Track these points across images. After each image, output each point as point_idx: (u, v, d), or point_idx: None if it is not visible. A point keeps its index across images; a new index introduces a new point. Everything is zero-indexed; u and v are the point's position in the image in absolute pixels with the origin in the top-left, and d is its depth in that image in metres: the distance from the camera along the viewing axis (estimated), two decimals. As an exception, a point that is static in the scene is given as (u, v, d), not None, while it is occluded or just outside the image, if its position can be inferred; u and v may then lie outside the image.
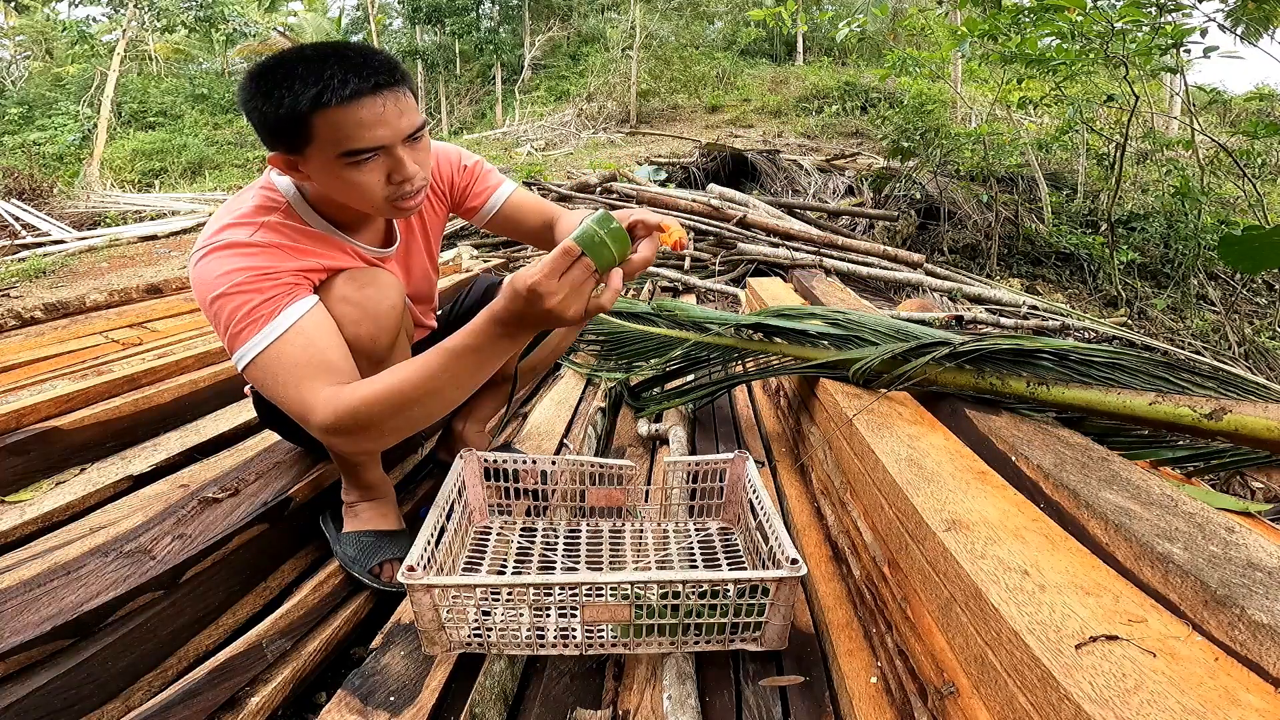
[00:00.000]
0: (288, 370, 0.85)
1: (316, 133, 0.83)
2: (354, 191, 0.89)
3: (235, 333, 0.86)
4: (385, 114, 0.84)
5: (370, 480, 1.18)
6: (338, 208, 0.99)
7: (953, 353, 1.27)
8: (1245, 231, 2.14)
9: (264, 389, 0.88)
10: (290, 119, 0.82)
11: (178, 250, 6.61)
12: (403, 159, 0.88)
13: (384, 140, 0.85)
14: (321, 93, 0.81)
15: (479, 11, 19.51)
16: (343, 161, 0.85)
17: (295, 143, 0.85)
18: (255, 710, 0.89)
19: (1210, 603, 0.60)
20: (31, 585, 0.89)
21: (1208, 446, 1.14)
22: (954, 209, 6.94)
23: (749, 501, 1.14)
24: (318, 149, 0.85)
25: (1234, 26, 5.46)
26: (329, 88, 0.81)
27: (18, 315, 2.70)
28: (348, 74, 0.82)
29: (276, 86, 0.82)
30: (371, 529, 1.17)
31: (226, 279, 0.86)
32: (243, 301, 0.85)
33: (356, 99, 0.82)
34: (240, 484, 1.19)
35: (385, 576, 1.13)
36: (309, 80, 0.81)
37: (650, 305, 2.08)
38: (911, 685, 0.80)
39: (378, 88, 0.83)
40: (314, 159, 0.86)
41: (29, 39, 19.53)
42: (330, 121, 0.82)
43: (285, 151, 0.87)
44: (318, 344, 0.87)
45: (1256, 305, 6.40)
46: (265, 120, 0.84)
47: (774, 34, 17.93)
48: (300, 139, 0.84)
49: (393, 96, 0.85)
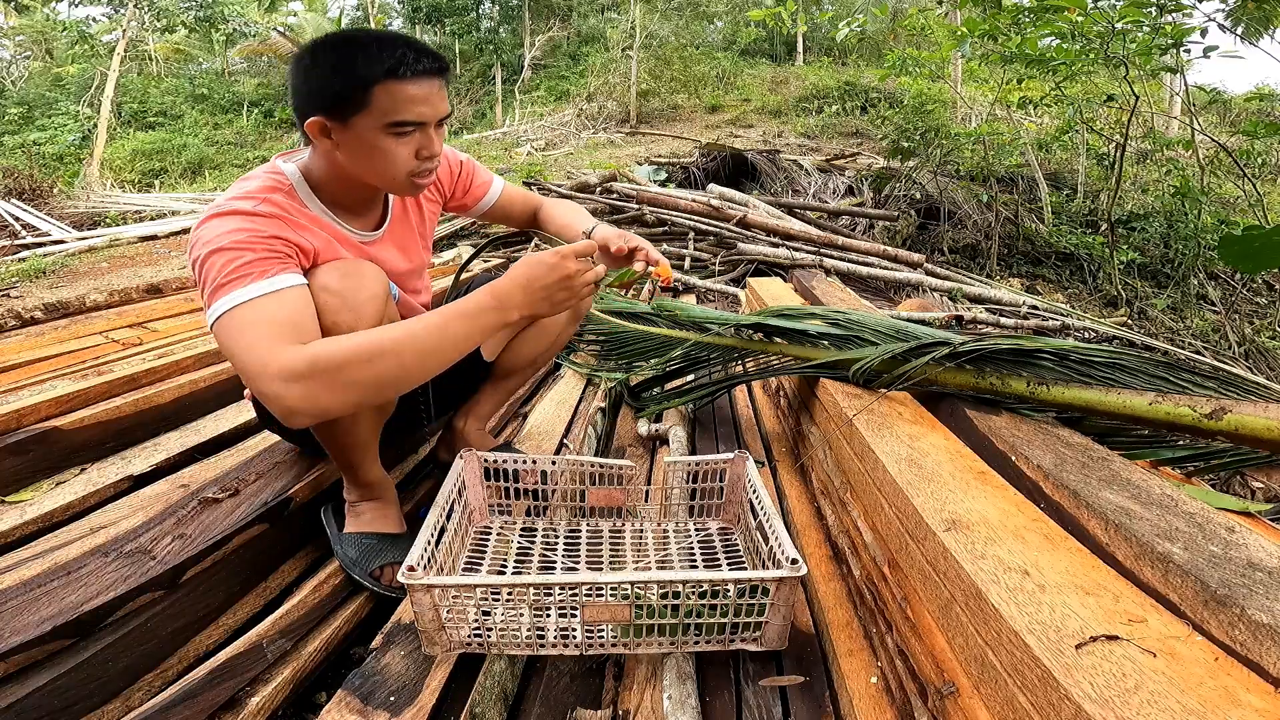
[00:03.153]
0: (260, 325, 0.84)
1: (374, 101, 0.92)
2: (384, 161, 0.96)
3: (220, 283, 0.86)
4: (433, 96, 0.96)
5: (369, 479, 1.18)
6: (341, 189, 1.04)
7: (953, 353, 1.27)
8: (1245, 231, 2.14)
9: (229, 345, 0.86)
10: (357, 84, 0.91)
11: (178, 250, 6.60)
12: (433, 138, 0.99)
13: (427, 117, 0.96)
14: (396, 65, 0.91)
15: (479, 11, 19.53)
16: (388, 131, 0.94)
17: (346, 109, 0.93)
18: (255, 710, 0.89)
19: (1210, 603, 0.60)
20: (32, 585, 0.89)
21: (1208, 446, 1.14)
22: (954, 209, 6.94)
23: (749, 501, 1.14)
24: (367, 117, 0.93)
25: (1234, 26, 5.45)
26: (403, 62, 0.91)
27: (18, 315, 2.70)
28: (419, 55, 0.93)
29: (350, 55, 0.91)
30: (373, 531, 1.17)
31: (226, 236, 0.89)
32: (234, 257, 0.88)
33: (420, 78, 0.93)
34: (240, 484, 1.19)
35: (386, 580, 1.13)
36: (384, 54, 0.91)
37: (650, 305, 2.08)
38: (911, 685, 0.80)
39: (435, 72, 0.95)
40: (358, 126, 0.94)
41: (29, 39, 19.53)
42: (391, 92, 0.92)
43: (330, 118, 0.94)
44: (297, 312, 0.89)
45: (1256, 305, 6.40)
46: (327, 85, 0.92)
47: (774, 34, 17.94)
48: (354, 106, 0.92)
49: (440, 84, 0.97)
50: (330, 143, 0.96)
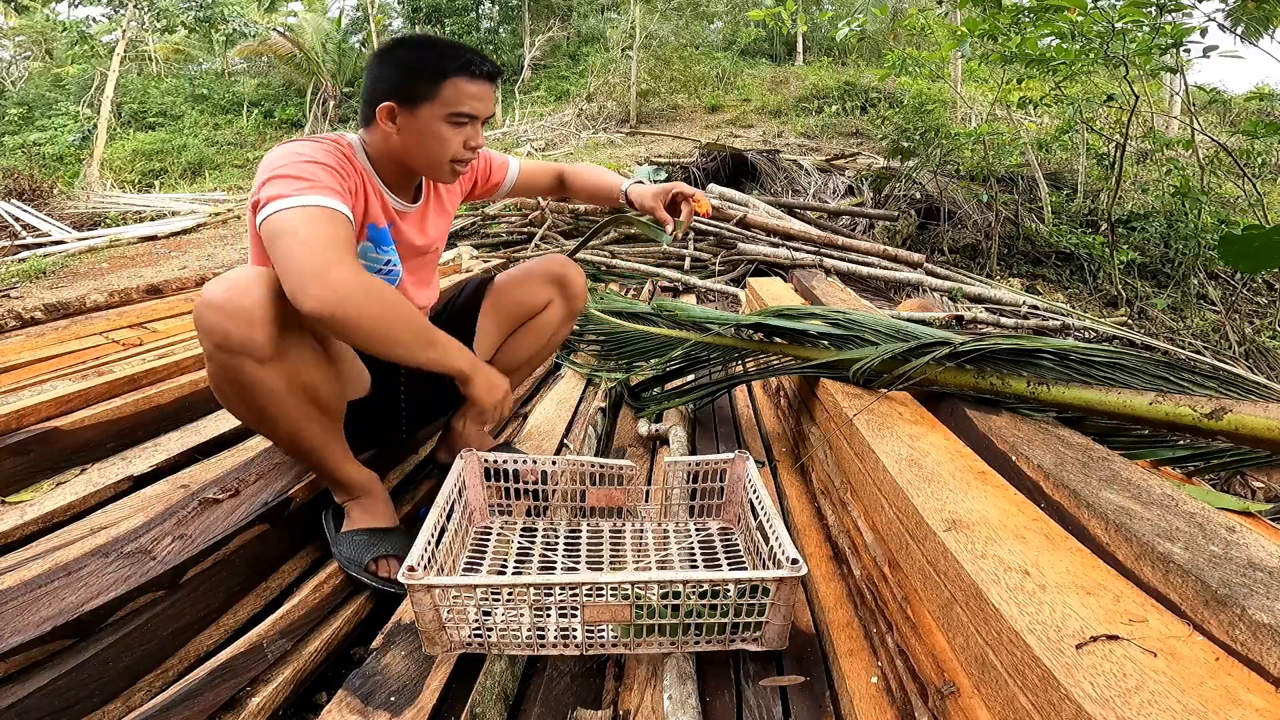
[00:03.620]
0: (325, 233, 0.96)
1: (441, 93, 1.09)
2: (438, 146, 1.12)
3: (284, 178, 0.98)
4: (487, 96, 1.14)
5: (347, 480, 1.18)
6: (389, 168, 1.18)
7: (953, 353, 1.27)
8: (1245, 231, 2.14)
9: (289, 233, 0.94)
10: (430, 76, 1.08)
11: (178, 250, 6.61)
12: (478, 132, 1.17)
13: (480, 113, 1.14)
14: (468, 64, 1.09)
15: (479, 11, 19.53)
16: (448, 120, 1.10)
17: (416, 97, 1.09)
18: (256, 711, 0.89)
19: (1211, 602, 0.60)
20: (32, 585, 0.89)
21: (1208, 446, 1.14)
22: (954, 209, 6.94)
23: (749, 501, 1.14)
24: (432, 106, 1.09)
25: (1234, 26, 5.46)
26: (471, 64, 1.09)
27: (18, 316, 2.70)
28: (482, 60, 1.12)
29: (428, 53, 1.09)
30: (364, 527, 1.18)
31: (298, 155, 1.03)
32: (305, 170, 1.01)
33: (482, 79, 1.11)
34: (241, 484, 1.19)
35: (381, 573, 1.13)
36: (456, 55, 1.09)
37: (650, 305, 2.08)
38: (912, 685, 0.80)
39: (491, 76, 1.13)
40: (422, 113, 1.10)
41: (29, 39, 19.52)
42: (457, 87, 1.09)
43: (399, 102, 1.10)
44: (350, 236, 1.01)
45: (1256, 305, 6.40)
46: (404, 74, 1.09)
47: (774, 34, 17.93)
48: (423, 95, 1.09)
49: (493, 87, 1.15)
50: (394, 126, 1.12)
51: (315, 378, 1.06)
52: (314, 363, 1.06)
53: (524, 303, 1.45)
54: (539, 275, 1.46)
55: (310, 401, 1.06)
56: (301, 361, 1.03)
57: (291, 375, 1.02)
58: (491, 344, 1.46)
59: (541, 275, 1.45)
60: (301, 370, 1.03)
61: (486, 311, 1.45)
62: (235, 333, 0.94)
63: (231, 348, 0.95)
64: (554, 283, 1.45)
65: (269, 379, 0.99)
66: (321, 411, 1.09)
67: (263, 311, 0.95)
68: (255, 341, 0.95)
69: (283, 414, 1.04)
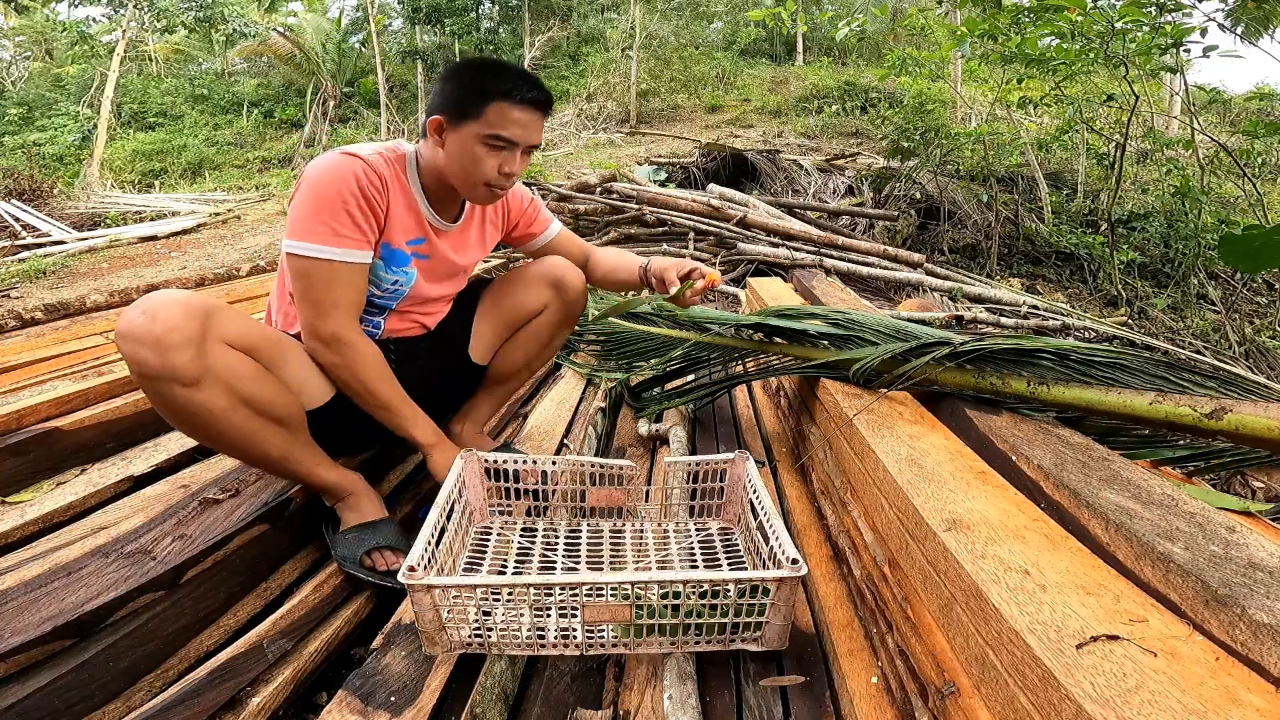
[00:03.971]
0: (318, 286, 1.09)
1: (485, 114, 1.11)
2: (472, 165, 1.14)
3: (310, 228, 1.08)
4: (531, 125, 1.15)
5: (326, 482, 1.18)
6: (433, 181, 1.22)
7: (953, 353, 1.27)
8: (1245, 231, 2.14)
9: (300, 284, 1.10)
10: (478, 96, 1.11)
11: (178, 250, 6.61)
12: (517, 160, 1.17)
13: (518, 139, 1.14)
14: (513, 89, 1.11)
15: (479, 11, 19.49)
16: (485, 141, 1.13)
17: (463, 114, 1.12)
18: (256, 711, 0.89)
19: (1211, 602, 0.60)
20: (32, 586, 0.89)
21: (1208, 446, 1.14)
22: (954, 209, 6.93)
23: (749, 501, 1.14)
24: (475, 125, 1.12)
25: (1234, 26, 5.46)
26: (517, 89, 1.12)
27: (18, 316, 2.70)
28: (530, 88, 1.13)
29: (481, 74, 1.12)
30: (353, 525, 1.18)
31: (334, 179, 1.08)
32: (332, 212, 1.07)
33: (525, 106, 1.13)
34: (241, 484, 1.19)
35: (378, 565, 1.14)
36: (505, 79, 1.12)
37: (650, 305, 2.08)
38: (912, 685, 0.80)
39: (539, 105, 1.15)
40: (465, 131, 1.13)
41: (29, 39, 19.52)
42: (500, 110, 1.11)
43: (448, 118, 1.14)
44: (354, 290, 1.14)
45: (1256, 305, 6.40)
46: (458, 91, 1.13)
47: (774, 34, 17.92)
48: (469, 113, 1.12)
49: (541, 118, 1.17)
50: (439, 140, 1.16)
51: (258, 391, 1.03)
52: (252, 377, 1.03)
53: (520, 305, 1.44)
54: (536, 277, 1.43)
55: (259, 415, 1.04)
56: (237, 377, 1.01)
57: (229, 392, 1.00)
58: (488, 346, 1.46)
59: (539, 278, 1.43)
60: (239, 386, 1.01)
61: (483, 313, 1.45)
62: (152, 360, 0.93)
63: (152, 375, 0.94)
64: (551, 285, 1.43)
65: (203, 399, 0.98)
66: (276, 423, 1.07)
67: (178, 335, 0.93)
68: (174, 367, 0.94)
69: (231, 431, 1.02)
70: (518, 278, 1.45)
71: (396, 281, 1.24)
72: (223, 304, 1.03)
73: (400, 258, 1.22)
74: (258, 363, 1.05)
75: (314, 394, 1.18)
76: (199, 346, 0.95)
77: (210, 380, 0.97)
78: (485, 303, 1.45)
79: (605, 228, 5.08)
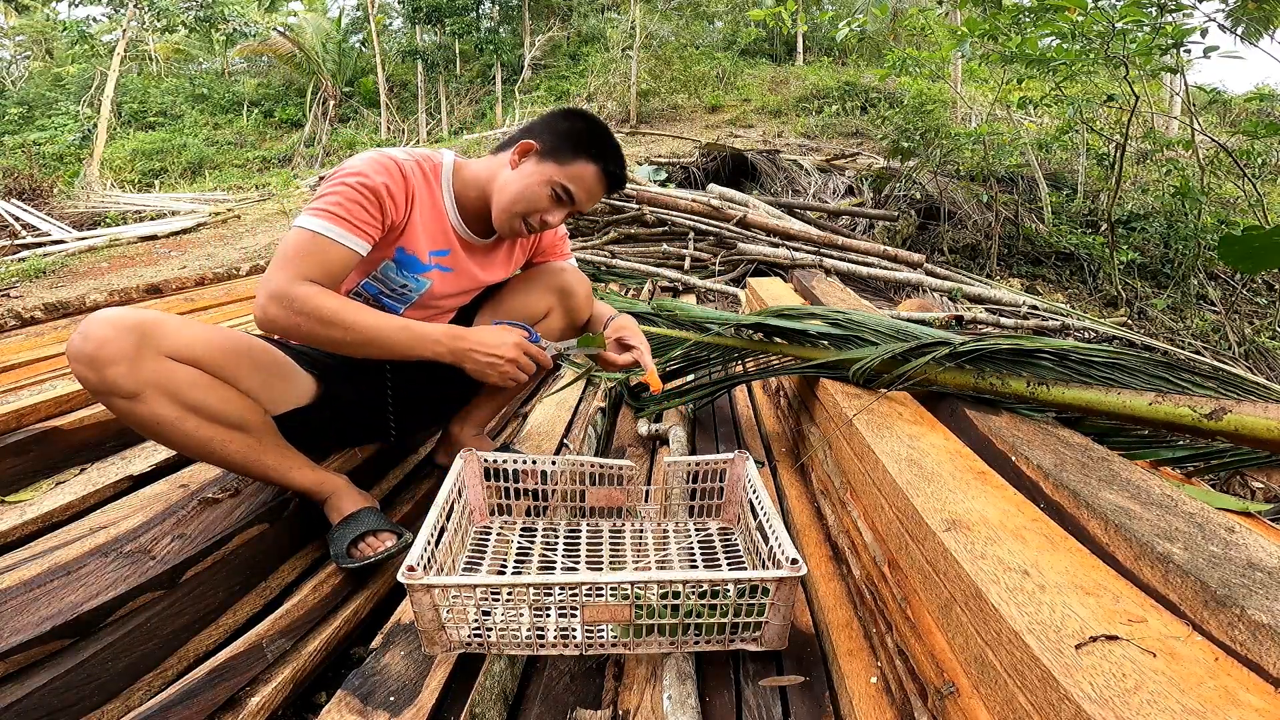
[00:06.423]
0: (303, 254, 1.06)
1: (570, 163, 1.19)
2: (527, 198, 1.19)
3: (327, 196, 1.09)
4: (595, 195, 1.23)
5: (303, 486, 1.18)
6: (478, 195, 1.24)
7: (953, 353, 1.27)
8: (1245, 231, 2.14)
9: (280, 248, 1.08)
10: (574, 146, 1.19)
11: (178, 250, 6.61)
12: (560, 214, 1.23)
13: (578, 200, 1.21)
14: (602, 158, 1.20)
15: (479, 11, 19.49)
16: (553, 185, 1.19)
17: (553, 154, 1.19)
18: (255, 710, 0.89)
19: (1210, 603, 0.60)
20: (31, 585, 0.89)
21: (1208, 446, 1.14)
22: (954, 209, 6.94)
23: (749, 501, 1.14)
24: (554, 168, 1.19)
25: (1234, 26, 5.45)
26: (608, 161, 1.21)
27: (18, 315, 2.70)
28: (616, 168, 1.22)
29: (591, 134, 1.20)
30: (338, 520, 1.18)
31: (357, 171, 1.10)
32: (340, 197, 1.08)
33: (604, 177, 1.21)
34: (240, 484, 1.19)
35: (365, 553, 1.14)
36: (605, 149, 1.21)
37: (650, 305, 2.08)
38: (911, 685, 0.80)
39: (614, 183, 1.23)
40: (544, 167, 1.19)
41: (29, 39, 19.53)
42: (584, 168, 1.19)
43: (540, 149, 1.20)
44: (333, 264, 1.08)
45: (1256, 305, 6.40)
46: (564, 133, 1.20)
47: (774, 34, 17.92)
48: (557, 156, 1.19)
49: (605, 194, 1.24)
50: (517, 160, 1.21)
51: (206, 398, 1.04)
52: (198, 385, 1.03)
53: (524, 309, 1.39)
54: (541, 283, 1.40)
55: (215, 422, 1.05)
56: (181, 386, 1.01)
57: (174, 402, 1.01)
58: None
59: (542, 283, 1.40)
60: (186, 394, 1.02)
61: (485, 315, 1.44)
62: (91, 377, 0.96)
63: (95, 390, 0.98)
64: (555, 292, 1.39)
65: (148, 410, 0.99)
66: (234, 429, 1.07)
67: (110, 351, 0.95)
68: (110, 382, 0.96)
69: (186, 439, 1.04)
70: (522, 282, 1.42)
71: (405, 286, 1.23)
72: (170, 317, 1.03)
73: (417, 265, 1.21)
74: (206, 371, 1.05)
75: (291, 395, 1.17)
76: (132, 362, 0.97)
77: (150, 393, 0.99)
78: (488, 305, 1.44)
79: (605, 227, 5.08)
